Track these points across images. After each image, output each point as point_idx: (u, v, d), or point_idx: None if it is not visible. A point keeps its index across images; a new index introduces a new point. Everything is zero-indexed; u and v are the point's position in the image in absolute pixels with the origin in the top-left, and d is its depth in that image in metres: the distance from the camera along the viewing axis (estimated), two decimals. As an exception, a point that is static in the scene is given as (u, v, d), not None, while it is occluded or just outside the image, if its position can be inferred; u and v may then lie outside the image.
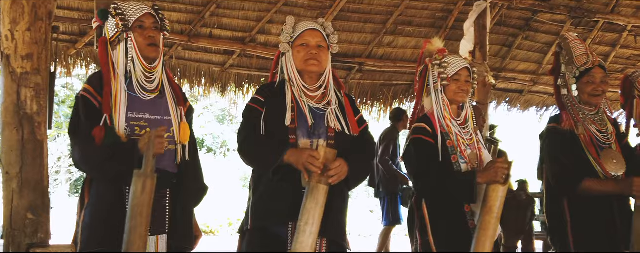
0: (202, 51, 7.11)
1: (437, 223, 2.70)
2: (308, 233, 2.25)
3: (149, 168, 2.21)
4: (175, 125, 2.51)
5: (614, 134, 3.04)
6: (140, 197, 2.18)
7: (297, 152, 2.37)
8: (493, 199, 2.51)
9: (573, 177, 2.90)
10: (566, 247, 2.93)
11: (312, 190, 2.29)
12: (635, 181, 2.77)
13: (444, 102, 2.78)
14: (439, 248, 2.67)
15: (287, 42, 2.62)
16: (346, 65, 7.68)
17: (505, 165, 2.54)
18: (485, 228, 2.49)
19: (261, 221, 2.47)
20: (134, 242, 2.18)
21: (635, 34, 8.40)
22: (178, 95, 2.61)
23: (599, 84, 2.99)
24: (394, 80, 8.02)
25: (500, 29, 7.84)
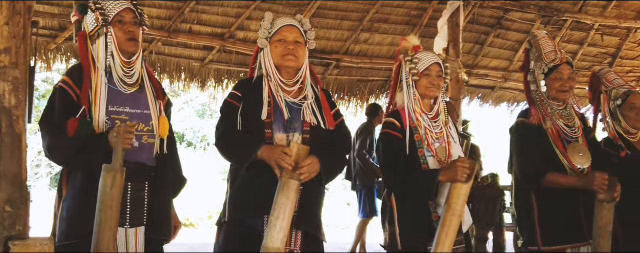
0: (182, 46, 7.04)
1: (402, 215, 2.71)
2: (278, 227, 2.24)
3: (118, 162, 2.21)
4: (154, 119, 2.50)
5: (581, 128, 3.07)
6: (110, 192, 2.18)
7: (269, 148, 2.36)
8: (455, 197, 2.50)
9: (538, 170, 2.92)
10: (533, 237, 2.95)
11: (283, 186, 2.28)
12: (597, 176, 2.80)
13: (415, 97, 2.78)
14: (402, 239, 2.69)
15: (265, 37, 2.61)
16: (323, 61, 7.67)
17: (466, 165, 2.51)
18: (446, 225, 2.48)
19: (238, 213, 2.47)
20: (103, 234, 2.17)
21: (601, 33, 8.52)
22: (157, 89, 2.60)
23: (567, 79, 3.02)
24: (370, 76, 8.03)
25: (472, 26, 7.89)
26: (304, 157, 2.34)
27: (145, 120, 2.47)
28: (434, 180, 2.58)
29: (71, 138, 2.29)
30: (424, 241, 2.67)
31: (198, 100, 17.05)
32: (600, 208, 2.82)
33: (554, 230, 2.93)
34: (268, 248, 2.23)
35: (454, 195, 2.51)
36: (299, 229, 2.45)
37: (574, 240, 2.93)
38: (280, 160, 2.30)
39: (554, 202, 2.95)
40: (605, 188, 2.79)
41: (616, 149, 3.24)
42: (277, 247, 2.23)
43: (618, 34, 8.64)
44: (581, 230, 2.94)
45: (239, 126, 2.50)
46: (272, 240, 2.23)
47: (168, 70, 7.07)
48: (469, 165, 2.52)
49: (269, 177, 2.38)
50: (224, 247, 2.49)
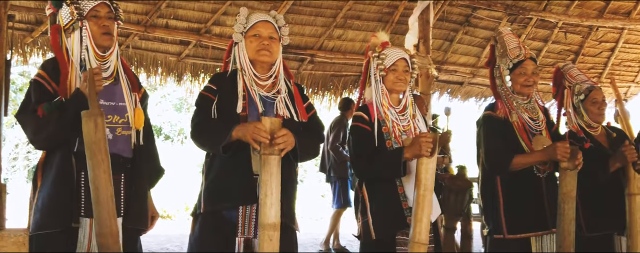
0: (159, 41, 6.97)
1: (374, 205, 2.73)
2: (269, 204, 2.21)
3: (95, 106, 2.19)
4: (130, 111, 2.47)
5: (544, 122, 3.10)
6: (95, 135, 2.15)
7: (243, 126, 2.31)
8: (423, 172, 2.53)
9: (504, 155, 2.94)
10: (499, 226, 2.97)
11: (265, 163, 2.24)
12: (559, 145, 2.81)
13: (382, 91, 2.80)
14: (376, 228, 2.70)
15: (240, 32, 2.58)
16: (298, 57, 7.67)
17: (428, 139, 2.54)
18: (420, 201, 2.51)
19: (213, 205, 2.44)
20: (100, 177, 2.15)
21: (565, 31, 8.64)
22: (133, 81, 2.57)
23: (531, 75, 3.04)
24: (343, 71, 8.05)
25: (442, 24, 7.95)
26: (278, 130, 2.29)
27: (120, 112, 2.45)
28: (400, 158, 2.60)
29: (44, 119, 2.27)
30: (396, 229, 2.70)
31: (175, 94, 16.92)
32: (564, 176, 2.86)
33: (518, 219, 2.96)
34: (265, 226, 2.21)
35: (422, 171, 2.54)
36: None
37: (537, 229, 2.95)
38: (255, 135, 2.24)
39: (519, 193, 2.98)
40: (568, 157, 2.82)
41: (580, 141, 3.26)
42: (273, 223, 2.21)
43: (580, 32, 8.77)
44: (545, 219, 2.97)
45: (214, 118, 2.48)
46: (266, 217, 2.21)
47: (145, 64, 6.99)
48: (432, 139, 2.55)
49: (243, 167, 2.38)
50: (199, 238, 2.46)
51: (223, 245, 2.37)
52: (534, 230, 2.95)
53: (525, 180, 2.97)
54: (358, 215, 2.82)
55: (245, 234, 2.41)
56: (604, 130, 3.46)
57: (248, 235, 2.41)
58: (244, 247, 2.39)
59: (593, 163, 3.12)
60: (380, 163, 2.69)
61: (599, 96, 3.37)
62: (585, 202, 3.18)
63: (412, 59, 2.89)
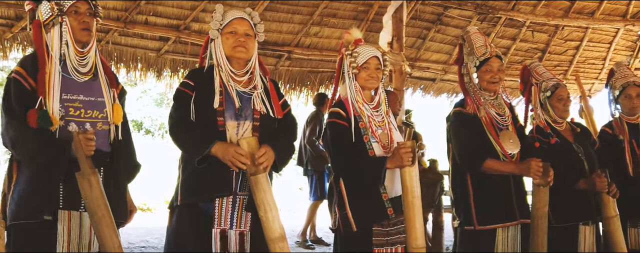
0: (138, 37, 6.88)
1: (354, 198, 2.72)
2: (271, 219, 2.29)
3: (86, 167, 2.22)
4: (108, 106, 2.45)
5: (511, 117, 3.13)
6: (92, 194, 2.21)
7: (223, 147, 2.33)
8: (408, 181, 2.56)
9: (477, 155, 2.96)
10: (469, 217, 3.00)
11: (255, 183, 2.30)
12: (532, 164, 2.86)
13: (356, 88, 2.79)
14: (357, 220, 2.69)
15: (216, 29, 2.57)
16: (276, 53, 7.64)
17: (408, 149, 2.56)
18: (410, 208, 2.54)
19: (190, 197, 2.44)
20: (103, 233, 2.22)
21: (532, 30, 8.74)
22: (111, 77, 2.54)
23: (496, 72, 3.06)
24: (320, 67, 8.03)
25: (415, 22, 7.98)
26: (256, 149, 2.33)
27: (99, 107, 2.43)
28: (383, 169, 2.62)
29: (33, 136, 2.25)
30: (377, 221, 2.71)
31: (156, 90, 16.74)
32: (537, 192, 2.91)
33: (488, 210, 2.98)
34: (274, 240, 2.29)
35: (406, 179, 2.57)
36: (248, 211, 2.43)
37: (505, 220, 2.98)
38: (235, 161, 2.30)
39: (488, 185, 3.00)
40: (541, 175, 2.87)
41: (547, 136, 3.31)
42: (279, 234, 2.31)
43: (547, 30, 8.88)
44: (512, 210, 3.00)
45: (192, 114, 2.46)
46: (272, 232, 2.30)
47: (125, 60, 6.91)
48: (410, 148, 2.57)
49: (219, 163, 2.36)
50: (177, 229, 2.46)
51: (200, 236, 2.37)
52: (502, 221, 2.97)
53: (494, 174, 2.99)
54: (334, 208, 2.80)
55: (222, 225, 2.41)
56: (569, 126, 3.50)
57: (224, 226, 2.41)
58: (220, 238, 2.38)
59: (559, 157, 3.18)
60: (362, 168, 2.69)
61: (565, 93, 3.40)
62: (553, 195, 3.22)
63: (384, 57, 2.89)
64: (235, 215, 2.42)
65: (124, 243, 6.60)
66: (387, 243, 2.74)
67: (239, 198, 2.44)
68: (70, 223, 2.32)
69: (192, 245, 2.37)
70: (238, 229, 2.42)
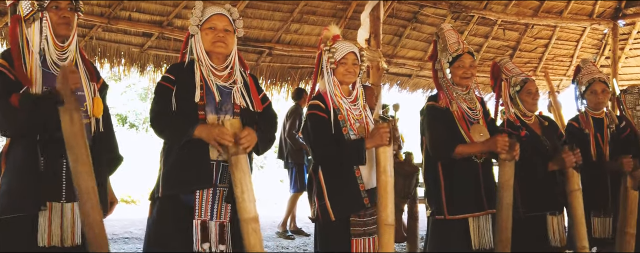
0: (122, 33, 6.79)
1: (332, 188, 2.72)
2: (247, 199, 2.25)
3: (71, 102, 2.14)
4: (88, 100, 2.41)
5: (481, 111, 3.14)
6: (71, 128, 2.12)
7: (206, 128, 2.31)
8: (383, 160, 2.55)
9: (447, 144, 2.97)
10: (440, 207, 3.01)
11: (235, 163, 2.27)
12: (499, 139, 2.87)
13: (334, 83, 2.79)
14: (335, 210, 2.69)
15: (196, 24, 2.54)
16: (257, 49, 7.60)
17: (386, 129, 2.56)
18: (384, 186, 2.53)
19: (171, 189, 2.40)
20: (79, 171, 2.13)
21: (503, 28, 8.82)
22: (91, 71, 2.49)
23: (468, 68, 3.07)
24: (300, 63, 8.02)
25: (392, 20, 8.00)
26: (239, 130, 2.31)
27: (79, 101, 2.37)
28: (363, 148, 2.62)
29: (19, 106, 2.19)
30: (354, 211, 2.71)
31: (140, 84, 16.55)
32: (502, 166, 2.91)
33: (458, 201, 2.99)
34: (247, 220, 2.25)
35: (382, 159, 2.56)
36: (228, 203, 2.41)
37: (474, 210, 3.00)
38: (220, 139, 2.26)
39: (459, 177, 3.01)
40: (507, 149, 2.88)
41: (516, 129, 3.32)
42: (254, 216, 2.27)
43: (518, 29, 8.97)
44: (481, 201, 3.02)
45: (173, 107, 2.43)
46: (247, 212, 2.25)
47: (108, 55, 6.82)
48: (388, 128, 2.58)
49: (200, 155, 2.34)
50: (158, 220, 2.42)
51: (180, 227, 2.34)
52: (471, 211, 2.99)
53: (464, 165, 3.00)
54: (313, 199, 2.80)
55: (202, 217, 2.38)
56: (537, 119, 3.52)
57: (205, 217, 2.38)
58: (200, 229, 2.36)
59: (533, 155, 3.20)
60: (343, 151, 2.68)
61: (533, 87, 3.42)
62: (523, 186, 3.24)
63: (361, 52, 2.88)
64: (216, 206, 2.40)
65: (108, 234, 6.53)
66: (364, 233, 2.74)
67: (219, 190, 2.41)
68: (51, 215, 2.27)
69: (173, 235, 2.34)
70: (218, 220, 2.39)
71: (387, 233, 2.52)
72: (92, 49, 6.63)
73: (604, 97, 3.67)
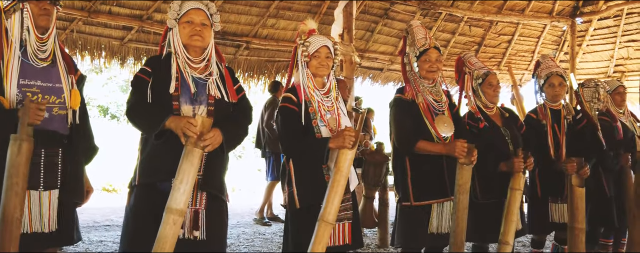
0: (102, 26, 6.67)
1: (300, 177, 2.72)
2: (182, 191, 2.18)
3: (24, 133, 2.09)
4: (66, 92, 2.36)
5: (447, 104, 3.15)
6: (16, 158, 2.07)
7: (176, 119, 2.27)
8: (342, 162, 2.52)
9: (410, 138, 2.98)
10: (407, 194, 3.03)
11: (188, 154, 2.22)
12: (458, 144, 2.89)
13: (308, 75, 2.78)
14: (300, 198, 2.70)
15: (174, 18, 2.50)
16: (235, 43, 7.54)
17: (351, 133, 2.55)
18: (335, 186, 2.50)
19: (148, 177, 2.38)
20: (10, 199, 2.06)
21: (469, 24, 8.90)
22: (69, 64, 2.45)
23: (434, 62, 3.07)
24: (276, 57, 7.98)
25: (364, 16, 8.01)
26: (208, 129, 2.28)
27: (57, 93, 2.34)
28: (325, 147, 2.60)
29: None
30: (318, 199, 2.69)
31: (121, 77, 16.35)
32: (461, 170, 2.93)
33: (423, 188, 3.02)
34: (172, 210, 2.17)
35: (341, 160, 2.53)
36: (203, 190, 2.40)
37: (438, 197, 3.03)
38: (185, 129, 2.22)
39: (424, 166, 3.03)
40: (465, 154, 2.91)
41: (476, 121, 3.35)
42: (181, 209, 2.18)
43: (482, 25, 9.05)
44: (445, 188, 3.04)
45: (149, 99, 2.40)
46: (175, 202, 2.18)
47: (89, 48, 6.69)
48: (355, 134, 2.56)
49: (176, 145, 2.31)
50: (135, 207, 2.40)
51: (157, 214, 2.31)
52: (436, 197, 3.02)
53: (429, 155, 3.02)
54: (284, 186, 2.80)
55: None
56: (498, 111, 3.55)
57: None
58: None
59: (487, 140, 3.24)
60: (307, 148, 2.68)
61: (494, 80, 3.44)
62: (480, 174, 3.28)
63: (335, 46, 2.87)
64: (191, 194, 2.38)
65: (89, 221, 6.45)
66: (334, 220, 2.74)
67: None
68: (30, 203, 2.24)
69: (149, 222, 2.31)
70: (193, 207, 2.37)
71: (321, 230, 2.47)
72: (73, 41, 6.50)
73: (560, 89, 3.71)
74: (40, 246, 2.33)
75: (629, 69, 9.40)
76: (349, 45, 6.19)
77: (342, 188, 2.52)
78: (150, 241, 2.20)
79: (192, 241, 2.36)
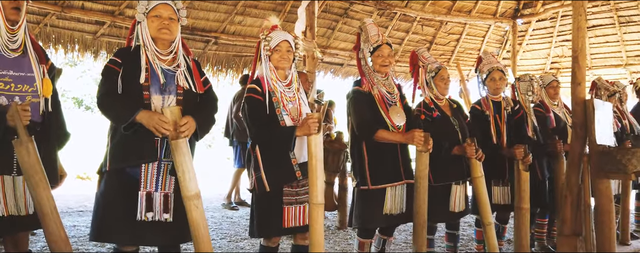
0: (75, 21, 6.45)
1: (267, 162, 2.71)
2: (188, 179, 2.22)
3: (24, 135, 2.08)
4: (38, 81, 2.30)
5: (398, 95, 3.19)
6: (29, 160, 2.08)
7: (147, 115, 2.23)
8: (313, 147, 2.55)
9: (370, 127, 3.01)
10: (364, 178, 3.06)
11: (176, 148, 2.22)
12: (415, 134, 2.94)
13: (270, 68, 2.77)
14: (270, 182, 2.69)
15: (142, 12, 2.45)
16: (204, 38, 7.42)
17: (314, 119, 2.56)
18: (313, 170, 2.54)
19: (118, 163, 2.33)
20: (41, 194, 2.10)
21: (422, 24, 9.00)
22: (40, 54, 2.38)
23: (386, 57, 3.11)
24: (244, 52, 7.90)
25: (325, 15, 8.00)
26: (178, 117, 2.25)
27: (29, 82, 2.27)
28: (292, 136, 2.61)
29: None
30: (287, 182, 2.71)
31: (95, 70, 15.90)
32: (419, 157, 2.99)
33: (379, 173, 3.05)
34: (189, 198, 2.23)
35: (312, 146, 2.56)
36: (172, 175, 2.36)
37: (393, 180, 3.07)
38: (159, 128, 2.20)
39: (379, 152, 3.07)
40: (422, 143, 2.96)
41: (430, 111, 3.40)
42: (195, 193, 2.25)
43: (433, 25, 9.17)
44: (398, 173, 3.09)
45: (119, 89, 2.34)
46: (188, 190, 2.23)
47: (63, 41, 6.46)
48: (317, 118, 2.58)
49: (144, 133, 2.28)
50: (105, 192, 2.35)
51: (126, 198, 2.28)
52: (390, 181, 3.06)
53: (385, 143, 3.05)
54: (251, 171, 2.78)
55: (147, 188, 2.32)
56: (448, 102, 3.61)
57: (150, 189, 2.33)
58: (146, 199, 2.30)
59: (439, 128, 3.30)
60: (275, 136, 2.67)
61: (445, 74, 3.50)
62: (434, 160, 3.35)
63: (295, 41, 2.86)
64: (160, 179, 2.34)
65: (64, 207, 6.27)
66: (296, 202, 2.75)
67: (163, 164, 2.36)
68: (5, 187, 2.17)
69: (119, 205, 2.28)
70: (163, 191, 2.34)
71: (315, 211, 2.52)
72: (46, 35, 6.27)
73: (501, 83, 3.79)
74: (16, 229, 2.28)
75: (563, 66, 9.67)
76: (311, 42, 6.18)
77: (321, 170, 2.56)
78: (119, 224, 2.17)
79: (162, 223, 2.33)
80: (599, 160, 3.19)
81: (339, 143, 5.75)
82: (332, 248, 4.49)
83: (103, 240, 2.32)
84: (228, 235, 4.97)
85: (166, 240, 2.37)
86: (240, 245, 4.55)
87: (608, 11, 8.81)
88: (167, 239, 2.36)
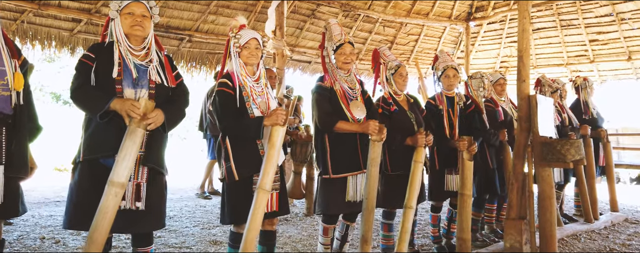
0: (52, 18, 6.23)
1: (236, 153, 2.68)
2: (123, 166, 2.12)
3: None
4: (9, 75, 2.20)
5: (360, 91, 3.20)
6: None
7: (121, 101, 2.19)
8: (275, 137, 2.53)
9: (330, 119, 3.01)
10: (326, 168, 3.06)
11: (131, 132, 2.15)
12: (370, 123, 2.96)
13: (240, 64, 2.74)
14: (239, 171, 2.66)
15: (116, 9, 2.39)
16: (178, 36, 7.29)
17: (283, 112, 2.56)
18: (270, 158, 2.51)
19: (91, 154, 2.27)
20: None
21: (384, 25, 9.05)
22: (12, 49, 2.28)
23: (348, 55, 3.11)
24: (216, 49, 7.79)
25: (294, 15, 7.97)
26: (151, 110, 2.20)
27: (0, 75, 2.16)
28: (261, 125, 2.59)
29: None
30: (255, 171, 2.68)
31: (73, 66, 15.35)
32: (372, 146, 3.00)
33: (340, 163, 3.05)
34: (114, 183, 2.10)
35: (274, 136, 2.54)
36: (144, 165, 2.32)
37: (353, 170, 3.07)
38: (130, 111, 2.15)
39: (341, 143, 3.07)
40: (376, 132, 2.98)
41: (389, 105, 3.41)
42: (122, 182, 2.12)
43: (394, 26, 9.24)
44: (358, 162, 3.09)
45: (92, 82, 2.28)
46: (117, 176, 2.11)
47: (40, 38, 6.23)
48: (286, 113, 2.57)
49: (119, 124, 2.22)
50: (79, 182, 2.28)
51: (100, 187, 2.21)
52: (351, 170, 3.06)
53: (346, 134, 3.06)
54: (221, 162, 2.75)
55: None
56: (405, 97, 3.63)
57: None
58: None
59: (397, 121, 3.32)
60: (244, 126, 2.63)
61: (404, 71, 3.51)
62: (390, 150, 3.37)
63: (263, 39, 2.84)
64: (133, 168, 2.29)
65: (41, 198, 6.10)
66: (265, 190, 2.73)
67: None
68: None
69: (92, 195, 2.21)
70: (135, 181, 2.29)
71: (261, 197, 2.48)
72: (23, 32, 6.03)
73: (454, 80, 3.84)
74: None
75: (511, 65, 9.90)
76: (281, 40, 6.14)
77: (276, 160, 2.53)
78: (92, 213, 2.10)
79: (134, 211, 2.28)
80: (541, 150, 3.28)
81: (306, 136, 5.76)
82: (300, 233, 4.49)
83: (76, 228, 2.25)
84: (201, 222, 4.91)
85: (138, 228, 2.32)
86: (212, 231, 4.51)
87: (551, 15, 9.06)
88: (139, 227, 2.32)
